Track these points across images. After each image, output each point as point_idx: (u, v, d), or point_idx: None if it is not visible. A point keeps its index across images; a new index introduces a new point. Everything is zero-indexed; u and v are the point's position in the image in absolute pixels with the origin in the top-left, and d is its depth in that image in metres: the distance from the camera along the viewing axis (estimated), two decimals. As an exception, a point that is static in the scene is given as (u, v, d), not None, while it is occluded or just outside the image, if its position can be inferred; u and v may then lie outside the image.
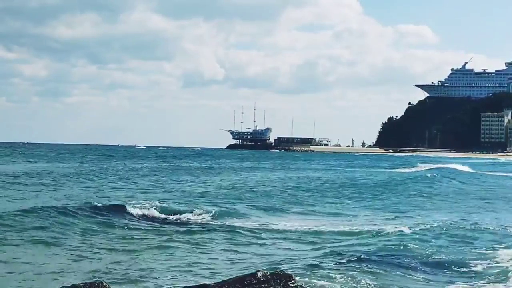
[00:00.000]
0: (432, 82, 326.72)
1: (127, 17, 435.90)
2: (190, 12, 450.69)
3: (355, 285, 13.23)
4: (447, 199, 37.79)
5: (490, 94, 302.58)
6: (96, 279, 12.36)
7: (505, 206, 32.93)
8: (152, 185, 44.47)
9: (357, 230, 21.63)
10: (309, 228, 22.49)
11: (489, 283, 13.91)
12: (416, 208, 31.17)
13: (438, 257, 16.80)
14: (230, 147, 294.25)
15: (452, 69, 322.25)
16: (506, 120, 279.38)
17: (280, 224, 23.66)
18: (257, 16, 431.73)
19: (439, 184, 50.67)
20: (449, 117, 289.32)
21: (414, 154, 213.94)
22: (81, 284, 11.76)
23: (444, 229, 21.75)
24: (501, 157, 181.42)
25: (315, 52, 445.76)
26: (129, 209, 25.42)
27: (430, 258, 16.67)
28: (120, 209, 25.38)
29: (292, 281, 12.09)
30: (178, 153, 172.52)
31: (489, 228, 22.33)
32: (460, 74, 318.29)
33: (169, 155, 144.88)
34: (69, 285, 12.01)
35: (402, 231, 20.83)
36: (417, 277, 14.66)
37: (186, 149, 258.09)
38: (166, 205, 27.59)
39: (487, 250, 17.87)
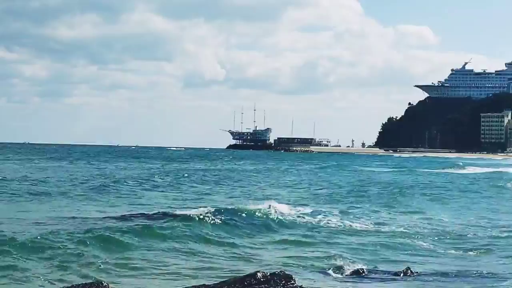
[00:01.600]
0: (432, 83, 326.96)
1: (127, 17, 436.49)
2: (191, 13, 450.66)
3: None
4: None
5: (490, 95, 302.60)
6: (95, 279, 12.32)
7: None
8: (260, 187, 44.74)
9: None
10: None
11: None
12: None
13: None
14: (230, 147, 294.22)
15: (452, 70, 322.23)
16: (506, 121, 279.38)
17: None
18: (258, 17, 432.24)
19: None
20: (449, 117, 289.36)
21: (423, 155, 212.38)
22: (81, 284, 11.75)
23: None
24: None
25: (315, 53, 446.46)
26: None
27: None
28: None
29: (292, 282, 12.08)
30: (197, 154, 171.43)
31: None
32: (460, 75, 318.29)
33: (190, 156, 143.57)
34: (69, 285, 12.00)
35: None
36: None
37: (190, 149, 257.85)
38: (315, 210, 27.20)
39: None
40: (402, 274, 14.83)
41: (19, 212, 25.01)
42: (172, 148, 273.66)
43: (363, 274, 14.82)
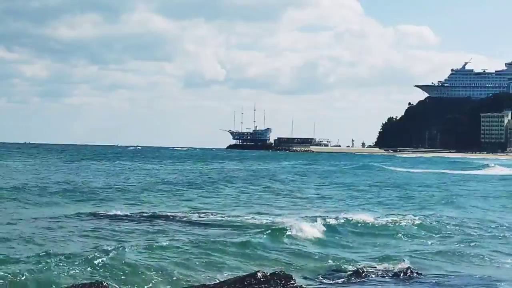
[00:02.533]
0: (432, 83, 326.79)
1: (128, 17, 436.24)
2: (191, 13, 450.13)
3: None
4: None
5: (490, 95, 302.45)
6: (96, 280, 12.28)
7: None
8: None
9: None
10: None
11: None
12: None
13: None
14: (230, 147, 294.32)
15: (452, 70, 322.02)
16: (506, 121, 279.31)
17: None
18: (258, 17, 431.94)
19: None
20: (449, 117, 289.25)
21: (432, 155, 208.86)
22: (81, 284, 11.73)
23: None
24: None
25: (315, 53, 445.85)
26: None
27: None
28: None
29: (292, 282, 12.07)
30: (212, 154, 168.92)
31: None
32: (460, 75, 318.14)
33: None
34: (69, 285, 11.97)
35: None
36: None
37: (198, 149, 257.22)
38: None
39: None
40: (402, 274, 14.82)
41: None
42: (176, 148, 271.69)
43: (363, 273, 14.81)
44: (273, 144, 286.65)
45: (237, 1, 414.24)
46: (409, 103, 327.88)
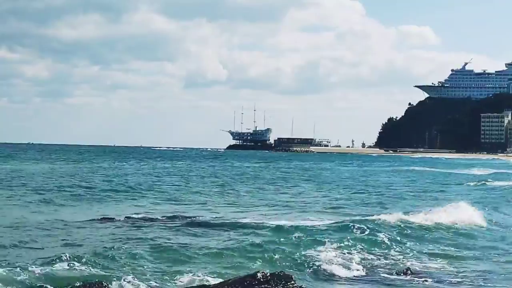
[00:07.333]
0: (432, 83, 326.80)
1: (130, 17, 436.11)
2: (193, 13, 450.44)
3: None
4: None
5: (490, 95, 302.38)
6: (97, 280, 12.28)
7: None
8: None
9: None
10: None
11: None
12: None
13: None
14: (230, 147, 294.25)
15: (452, 70, 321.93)
16: (506, 121, 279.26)
17: None
18: (260, 17, 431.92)
19: None
20: (449, 117, 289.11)
21: (430, 155, 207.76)
22: (81, 284, 11.77)
23: None
24: None
25: (317, 53, 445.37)
26: None
27: None
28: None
29: (292, 282, 12.09)
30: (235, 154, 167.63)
31: None
32: (460, 75, 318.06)
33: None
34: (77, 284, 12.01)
35: None
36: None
37: (195, 149, 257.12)
38: None
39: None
40: (402, 274, 14.86)
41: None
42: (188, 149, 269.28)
43: (364, 274, 14.84)
44: (273, 145, 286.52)
45: (239, 1, 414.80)
46: (409, 104, 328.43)
